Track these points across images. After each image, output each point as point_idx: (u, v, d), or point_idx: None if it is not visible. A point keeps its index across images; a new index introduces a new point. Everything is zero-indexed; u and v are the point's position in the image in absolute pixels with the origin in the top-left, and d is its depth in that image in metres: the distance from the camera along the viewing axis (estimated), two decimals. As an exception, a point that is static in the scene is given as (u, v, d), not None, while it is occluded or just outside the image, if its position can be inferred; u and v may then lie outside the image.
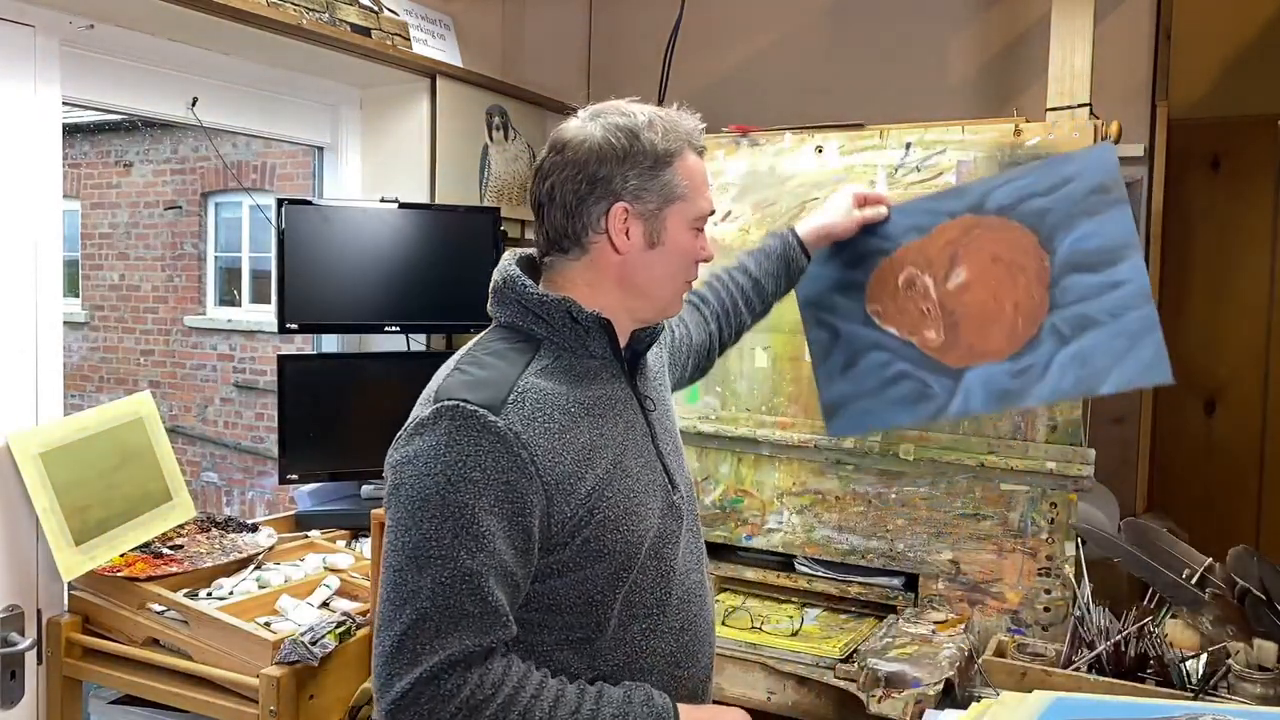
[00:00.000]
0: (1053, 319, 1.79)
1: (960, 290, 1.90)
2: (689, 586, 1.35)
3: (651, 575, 1.29)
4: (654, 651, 1.29)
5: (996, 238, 1.86)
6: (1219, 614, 1.74)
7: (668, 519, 1.32)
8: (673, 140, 1.29)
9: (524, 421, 1.17)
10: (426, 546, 1.12)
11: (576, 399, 1.25)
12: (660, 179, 1.28)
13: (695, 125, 1.33)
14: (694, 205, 1.32)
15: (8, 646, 1.93)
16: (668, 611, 1.31)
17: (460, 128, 2.91)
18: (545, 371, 1.25)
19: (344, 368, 2.71)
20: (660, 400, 1.42)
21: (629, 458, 1.28)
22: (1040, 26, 2.41)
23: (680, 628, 1.32)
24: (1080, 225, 1.77)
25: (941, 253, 1.91)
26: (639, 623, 1.28)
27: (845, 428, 2.02)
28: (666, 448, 1.38)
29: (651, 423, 1.36)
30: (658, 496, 1.31)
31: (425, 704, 1.09)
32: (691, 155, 1.32)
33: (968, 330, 1.89)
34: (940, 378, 1.90)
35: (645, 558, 1.27)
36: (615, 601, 1.25)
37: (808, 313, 2.06)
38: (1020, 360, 1.82)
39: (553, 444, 1.18)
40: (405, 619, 1.11)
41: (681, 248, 1.33)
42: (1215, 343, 3.21)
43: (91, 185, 8.09)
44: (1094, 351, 1.74)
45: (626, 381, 1.34)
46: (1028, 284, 1.83)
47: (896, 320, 1.96)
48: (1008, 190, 1.86)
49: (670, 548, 1.32)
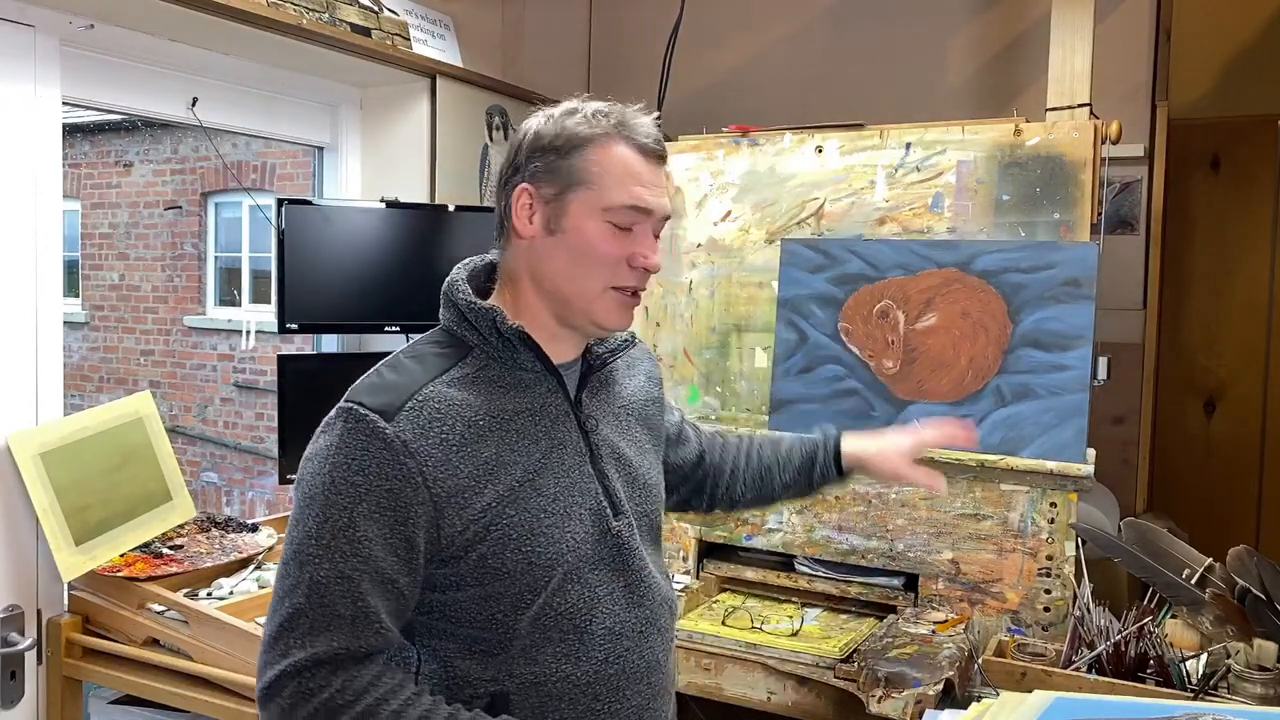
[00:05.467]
0: (999, 381, 2.04)
1: (926, 332, 2.12)
2: (623, 619, 1.26)
3: (572, 600, 1.22)
4: (567, 678, 1.22)
5: (971, 296, 2.08)
6: (1219, 614, 1.74)
7: (598, 545, 1.25)
8: (595, 127, 1.23)
9: (416, 430, 1.15)
10: (307, 545, 1.13)
11: (489, 411, 1.20)
12: (566, 162, 1.23)
13: (639, 120, 1.26)
14: (603, 194, 1.22)
15: (8, 646, 1.93)
16: (589, 640, 1.23)
17: (460, 128, 2.90)
18: (462, 380, 1.21)
19: (344, 368, 2.70)
20: (612, 420, 1.33)
21: (546, 476, 1.22)
22: (1040, 26, 2.41)
23: (604, 659, 1.24)
24: (1048, 308, 2.00)
25: (919, 295, 2.13)
26: (553, 645, 1.21)
27: (786, 424, 2.16)
28: (613, 470, 1.29)
29: (593, 444, 1.28)
30: (583, 520, 1.24)
31: (287, 698, 1.10)
32: (618, 146, 1.23)
33: (922, 369, 2.12)
34: (885, 404, 2.14)
35: (562, 581, 1.21)
36: (521, 621, 1.20)
37: (783, 312, 2.23)
38: (960, 408, 2.06)
39: (447, 455, 1.15)
40: (283, 612, 1.13)
41: (585, 238, 1.22)
42: (1215, 343, 3.21)
43: (91, 185, 8.09)
44: (1024, 420, 2.00)
45: (564, 397, 1.28)
46: (987, 344, 2.06)
47: (861, 342, 2.18)
48: (994, 258, 2.06)
49: (598, 574, 1.24)
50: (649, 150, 1.25)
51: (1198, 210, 3.25)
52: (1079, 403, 1.96)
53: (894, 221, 2.20)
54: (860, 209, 2.23)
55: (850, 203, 2.24)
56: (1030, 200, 2.08)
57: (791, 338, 2.22)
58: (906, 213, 2.19)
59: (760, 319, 2.31)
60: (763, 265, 2.30)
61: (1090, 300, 1.97)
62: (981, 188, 2.12)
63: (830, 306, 2.19)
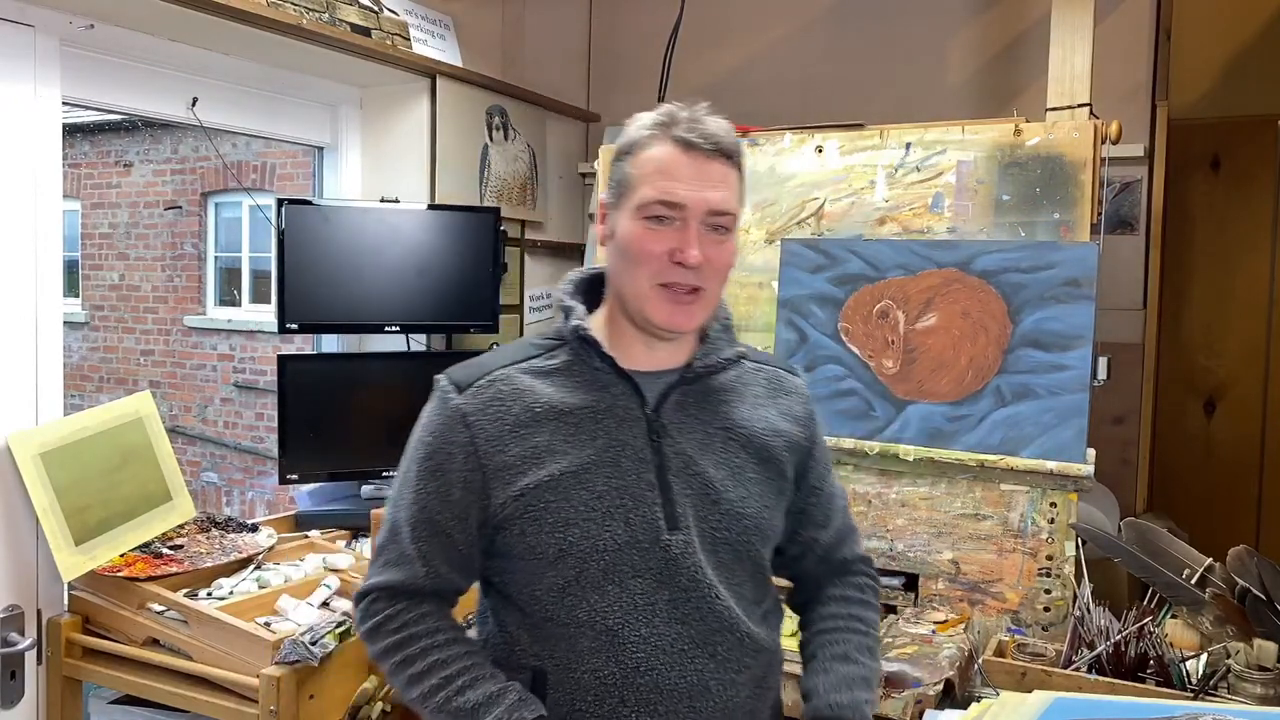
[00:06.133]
0: (999, 381, 2.04)
1: (926, 333, 2.11)
2: (662, 632, 1.24)
3: (609, 599, 1.23)
4: (597, 673, 1.23)
5: (972, 296, 2.08)
6: (1219, 614, 1.74)
7: (645, 553, 1.24)
8: (645, 129, 1.25)
9: (477, 405, 1.26)
10: (394, 492, 1.32)
11: (552, 401, 1.26)
12: (620, 168, 1.27)
13: (688, 116, 1.25)
14: (637, 193, 1.23)
15: (8, 646, 1.93)
16: (620, 644, 1.23)
17: (460, 128, 2.91)
18: (540, 370, 1.28)
19: (344, 368, 2.71)
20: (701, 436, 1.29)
21: (596, 473, 1.24)
22: (1040, 26, 2.41)
23: (635, 666, 1.23)
24: (1048, 308, 2.00)
25: (920, 295, 2.12)
26: (587, 639, 1.24)
27: None
28: (683, 484, 1.26)
29: (664, 453, 1.27)
30: (629, 524, 1.23)
31: (359, 611, 1.31)
32: (658, 144, 1.23)
33: (922, 369, 2.11)
34: (884, 403, 2.13)
35: (599, 578, 1.22)
36: (558, 605, 1.24)
37: (784, 312, 2.23)
38: (960, 408, 2.06)
39: (499, 432, 1.25)
40: (375, 543, 1.34)
41: (626, 237, 1.24)
42: (1215, 343, 3.21)
43: (91, 185, 8.09)
44: (1024, 419, 1.99)
45: (638, 402, 1.28)
46: (987, 344, 2.06)
47: (861, 342, 2.17)
48: (995, 258, 2.06)
49: (640, 581, 1.24)
50: (690, 144, 1.23)
51: (1198, 210, 3.25)
52: (1079, 403, 1.96)
53: (894, 221, 2.20)
54: (860, 209, 2.23)
55: (850, 203, 2.24)
56: (1030, 200, 2.08)
57: (791, 338, 2.22)
58: (906, 213, 2.19)
59: (760, 319, 2.31)
60: (763, 265, 2.30)
61: (1090, 300, 1.97)
62: (981, 188, 2.12)
63: (830, 306, 2.19)
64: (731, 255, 1.28)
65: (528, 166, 3.19)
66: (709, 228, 1.24)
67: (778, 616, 1.41)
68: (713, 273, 1.25)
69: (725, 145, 1.25)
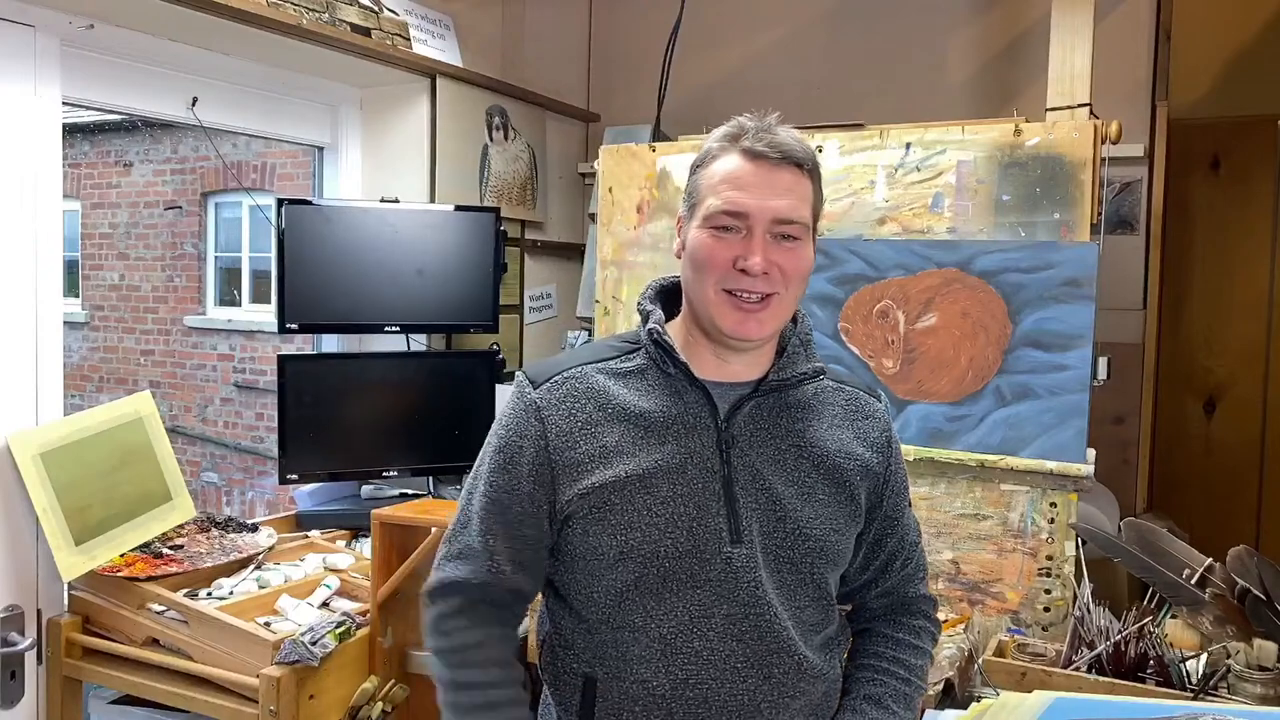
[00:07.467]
0: (998, 381, 2.04)
1: (926, 333, 2.11)
2: (715, 647, 1.22)
3: (667, 607, 1.22)
4: (645, 684, 1.23)
5: (972, 296, 2.07)
6: (1219, 614, 1.74)
7: (705, 564, 1.23)
8: (717, 142, 1.28)
9: (552, 400, 1.27)
10: (468, 482, 1.34)
11: (624, 403, 1.26)
12: (692, 182, 1.30)
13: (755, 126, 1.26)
14: (703, 203, 1.26)
15: (8, 646, 1.93)
16: (672, 655, 1.22)
17: (460, 128, 2.91)
18: (617, 372, 1.29)
19: (344, 368, 2.70)
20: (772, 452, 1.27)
21: (662, 479, 1.23)
22: (1040, 26, 2.41)
23: (685, 679, 1.22)
24: (1048, 308, 2.00)
25: (919, 295, 2.12)
26: (639, 647, 1.23)
27: None
28: (750, 499, 1.25)
29: (732, 462, 1.25)
30: (693, 533, 1.22)
31: (424, 597, 1.32)
32: (725, 155, 1.26)
33: (921, 369, 2.12)
34: None
35: (657, 585, 1.22)
36: (613, 610, 1.24)
37: None
38: (959, 408, 2.07)
39: (571, 430, 1.25)
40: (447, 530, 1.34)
41: (694, 247, 1.26)
42: (1215, 343, 3.21)
43: (91, 185, 8.09)
44: (1024, 419, 2.00)
45: (711, 411, 1.27)
46: (987, 344, 2.06)
47: (861, 342, 2.18)
48: (994, 258, 2.05)
49: (699, 593, 1.22)
50: (756, 154, 1.24)
51: (1198, 210, 3.25)
52: (1079, 403, 1.96)
53: (894, 221, 2.20)
54: (860, 209, 2.23)
55: (850, 203, 2.23)
56: (1030, 200, 2.08)
57: None
58: (906, 213, 2.19)
59: (760, 319, 2.31)
60: (763, 265, 2.30)
61: (1090, 300, 1.97)
62: (981, 188, 2.12)
63: (830, 306, 2.20)
64: (803, 261, 1.27)
65: (528, 166, 3.19)
66: (777, 236, 1.24)
67: (840, 645, 1.38)
68: (783, 279, 1.25)
69: (794, 154, 1.25)
